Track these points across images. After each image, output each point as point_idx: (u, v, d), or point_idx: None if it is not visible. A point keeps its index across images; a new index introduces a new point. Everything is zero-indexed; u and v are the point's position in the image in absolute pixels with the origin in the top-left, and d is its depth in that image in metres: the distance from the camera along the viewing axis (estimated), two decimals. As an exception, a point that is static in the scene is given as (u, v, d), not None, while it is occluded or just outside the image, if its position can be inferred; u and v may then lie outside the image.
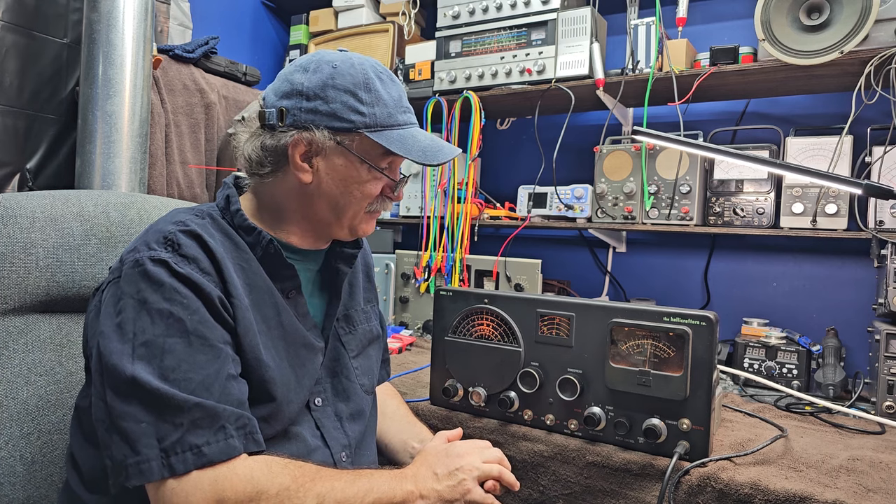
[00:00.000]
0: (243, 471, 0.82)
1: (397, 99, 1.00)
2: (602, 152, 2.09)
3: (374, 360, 1.18)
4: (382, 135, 0.97)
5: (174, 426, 0.80)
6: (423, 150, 0.98)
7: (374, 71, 0.99)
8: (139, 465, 0.78)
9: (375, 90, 0.97)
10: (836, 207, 1.74)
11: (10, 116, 1.79)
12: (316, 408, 1.03)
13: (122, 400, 0.80)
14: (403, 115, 1.01)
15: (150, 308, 0.84)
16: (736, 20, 2.15)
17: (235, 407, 0.84)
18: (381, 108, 0.97)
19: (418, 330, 2.24)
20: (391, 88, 1.00)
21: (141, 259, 0.87)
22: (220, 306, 0.88)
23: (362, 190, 1.00)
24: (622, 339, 1.15)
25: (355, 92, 0.96)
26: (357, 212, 1.02)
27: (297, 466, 0.86)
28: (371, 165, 0.99)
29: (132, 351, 0.82)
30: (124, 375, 0.81)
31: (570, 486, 1.19)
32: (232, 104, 2.26)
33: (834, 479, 1.05)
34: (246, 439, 0.84)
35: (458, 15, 2.25)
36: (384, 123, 0.97)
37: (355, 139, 0.97)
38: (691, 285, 2.23)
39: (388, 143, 0.97)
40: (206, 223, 0.95)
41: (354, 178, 0.99)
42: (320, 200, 1.00)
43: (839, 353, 1.66)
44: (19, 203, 1.07)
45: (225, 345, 0.87)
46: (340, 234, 1.05)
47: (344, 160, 0.98)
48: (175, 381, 0.81)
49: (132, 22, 1.77)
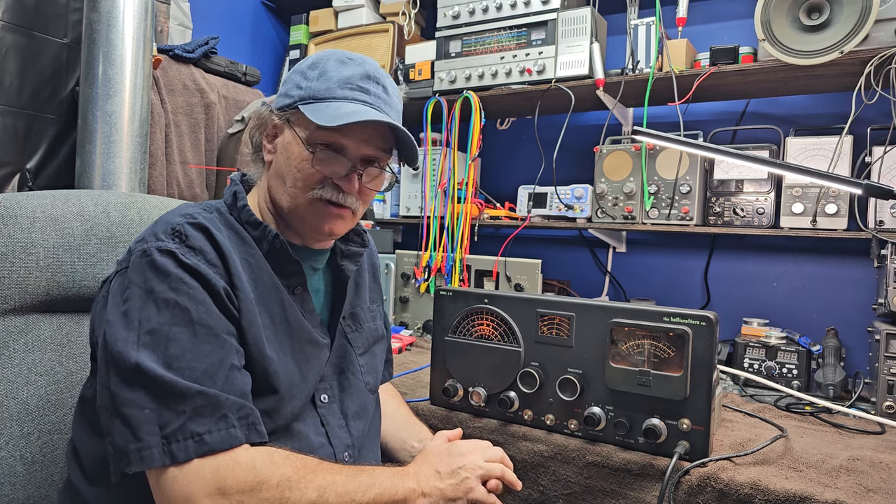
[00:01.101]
0: (245, 460, 0.82)
1: (347, 77, 0.96)
2: (602, 152, 2.09)
3: (378, 359, 1.19)
4: (311, 106, 0.95)
5: (176, 413, 0.80)
6: (333, 116, 0.92)
7: (340, 57, 0.99)
8: (140, 452, 0.79)
9: (324, 69, 0.97)
10: (836, 207, 1.74)
11: (10, 116, 1.79)
12: (322, 404, 1.03)
13: (126, 386, 0.81)
14: (347, 90, 0.96)
15: (156, 297, 0.85)
16: (736, 20, 2.15)
17: (238, 397, 0.85)
18: (322, 82, 0.96)
19: (418, 330, 2.24)
20: (348, 68, 0.97)
21: (149, 249, 0.87)
22: (225, 298, 0.88)
23: (296, 167, 0.96)
24: (622, 339, 1.15)
25: (304, 71, 0.98)
26: (296, 195, 0.97)
27: (300, 458, 0.87)
28: (305, 141, 0.96)
29: (137, 338, 0.82)
30: (129, 362, 0.81)
31: (570, 486, 1.19)
32: (232, 104, 2.26)
33: (834, 479, 1.05)
34: (248, 429, 0.85)
35: (458, 15, 2.25)
36: (318, 96, 0.95)
37: (295, 116, 0.97)
38: (691, 285, 2.23)
39: (310, 113, 0.93)
40: (214, 217, 0.96)
41: (293, 156, 0.97)
42: (275, 183, 1.00)
43: (839, 353, 1.66)
44: (19, 203, 1.07)
45: (229, 335, 0.88)
46: (297, 226, 1.01)
47: (288, 136, 0.98)
48: (179, 370, 0.82)
49: (132, 22, 1.77)
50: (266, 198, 1.03)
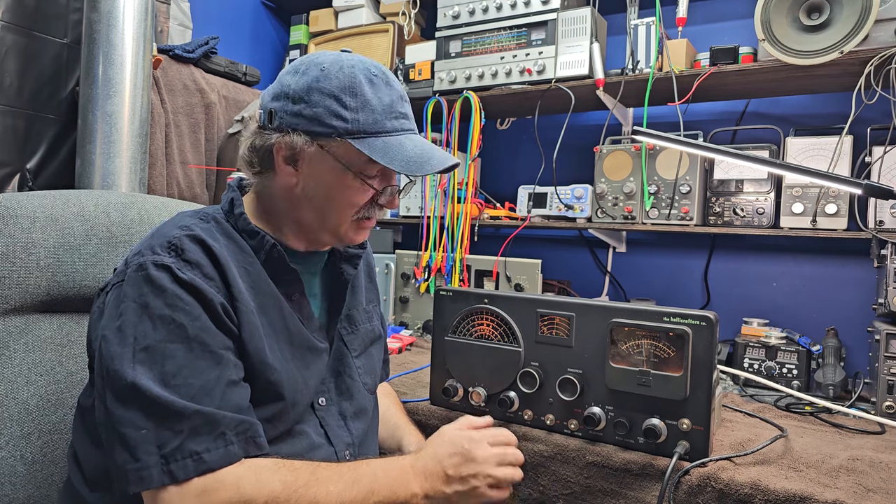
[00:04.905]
0: (231, 479, 0.81)
1: (388, 104, 0.96)
2: (602, 152, 2.09)
3: (376, 359, 1.18)
4: (365, 142, 0.93)
5: (174, 433, 0.80)
6: (407, 160, 0.93)
7: (366, 74, 0.95)
8: (139, 472, 0.78)
9: (362, 94, 0.93)
10: (836, 207, 1.74)
11: (10, 116, 1.79)
12: (320, 407, 1.03)
13: (123, 405, 0.81)
14: (393, 121, 0.96)
15: (151, 313, 0.84)
16: (736, 20, 2.15)
17: (236, 412, 0.84)
18: (367, 113, 0.94)
19: (418, 330, 2.24)
20: (383, 92, 0.96)
21: (145, 263, 0.87)
22: (222, 312, 0.88)
23: (346, 197, 0.97)
24: (622, 339, 1.15)
25: (339, 97, 0.93)
26: (342, 220, 0.99)
27: (291, 470, 0.85)
28: (356, 173, 0.96)
29: (133, 355, 0.82)
30: (125, 381, 0.81)
31: (570, 486, 1.19)
32: (232, 104, 2.26)
33: (834, 479, 1.05)
34: (247, 443, 0.84)
35: (458, 15, 2.25)
36: (368, 130, 0.94)
37: (339, 146, 0.94)
38: (691, 285, 2.23)
39: (370, 152, 0.92)
40: (211, 227, 0.96)
41: (338, 185, 0.96)
42: (305, 205, 0.98)
43: (839, 353, 1.66)
44: (20, 203, 1.07)
45: (226, 351, 0.87)
46: (327, 241, 1.03)
47: (327, 166, 0.95)
48: (175, 387, 0.81)
49: (132, 22, 1.77)
50: (266, 205, 1.02)
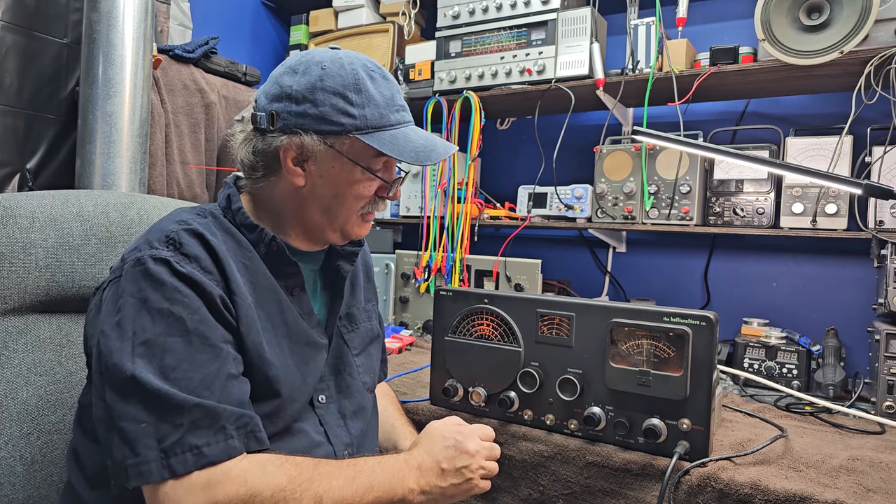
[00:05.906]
0: (237, 473, 0.81)
1: (389, 98, 0.99)
2: (602, 152, 2.09)
3: (375, 358, 1.19)
4: (374, 136, 0.96)
5: (174, 427, 0.79)
6: (415, 151, 0.97)
7: (366, 70, 0.97)
8: (139, 467, 0.78)
9: (366, 90, 0.96)
10: (836, 207, 1.74)
11: (10, 116, 1.79)
12: (319, 405, 1.03)
13: (122, 399, 0.80)
14: (396, 114, 0.99)
15: (150, 307, 0.84)
16: (736, 20, 2.15)
17: (236, 406, 0.84)
18: (372, 108, 0.96)
19: (418, 330, 2.24)
20: (383, 87, 0.99)
21: (142, 258, 0.86)
22: (221, 306, 0.88)
23: (355, 192, 0.99)
24: (622, 339, 1.15)
25: (345, 94, 0.95)
26: (349, 216, 1.01)
27: (294, 465, 0.86)
28: (364, 167, 0.98)
29: (132, 349, 0.82)
30: (124, 375, 0.80)
31: (570, 486, 1.19)
32: (232, 104, 2.26)
33: (834, 479, 1.04)
34: (247, 438, 0.84)
35: (458, 15, 2.25)
36: (375, 124, 0.96)
37: (346, 142, 0.96)
38: (691, 285, 2.23)
39: (379, 146, 0.95)
40: (209, 222, 0.95)
41: (347, 181, 0.98)
42: (312, 203, 1.00)
43: (839, 353, 1.66)
44: (19, 203, 1.07)
45: (226, 344, 0.87)
46: (332, 238, 1.05)
47: (336, 163, 0.97)
48: (175, 381, 0.81)
49: (132, 22, 1.77)
50: (266, 206, 1.02)
